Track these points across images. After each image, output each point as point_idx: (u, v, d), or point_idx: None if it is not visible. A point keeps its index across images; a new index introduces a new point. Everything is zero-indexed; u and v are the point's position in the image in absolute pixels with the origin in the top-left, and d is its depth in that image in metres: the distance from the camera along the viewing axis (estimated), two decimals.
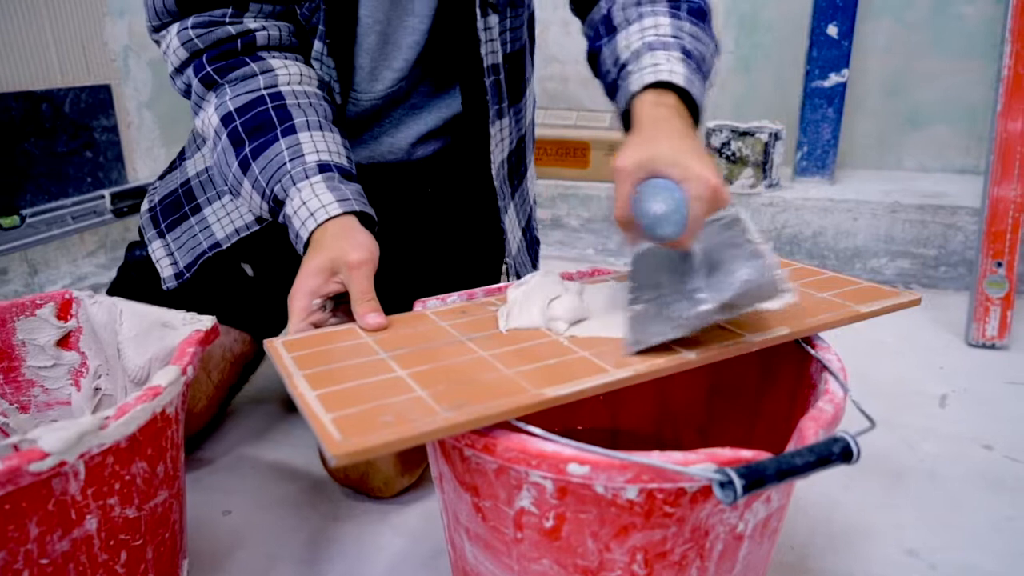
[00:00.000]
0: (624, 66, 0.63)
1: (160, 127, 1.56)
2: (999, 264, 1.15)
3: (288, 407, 0.96)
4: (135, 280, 0.83)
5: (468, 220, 0.85)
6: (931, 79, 1.53)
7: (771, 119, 1.49)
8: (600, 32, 0.69)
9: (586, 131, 1.58)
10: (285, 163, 0.64)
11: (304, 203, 0.62)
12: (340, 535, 0.73)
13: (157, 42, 0.72)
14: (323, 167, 0.64)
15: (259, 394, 0.98)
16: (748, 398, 0.64)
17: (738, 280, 0.49)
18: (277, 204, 0.65)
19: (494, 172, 0.80)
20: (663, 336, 0.50)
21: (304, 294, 0.57)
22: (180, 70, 0.70)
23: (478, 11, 0.73)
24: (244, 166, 0.66)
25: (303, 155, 0.64)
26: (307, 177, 0.63)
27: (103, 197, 1.39)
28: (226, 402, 0.87)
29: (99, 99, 1.42)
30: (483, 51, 0.74)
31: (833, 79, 1.46)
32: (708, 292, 0.50)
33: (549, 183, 1.60)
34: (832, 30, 1.44)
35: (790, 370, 0.58)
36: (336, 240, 0.59)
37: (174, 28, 0.69)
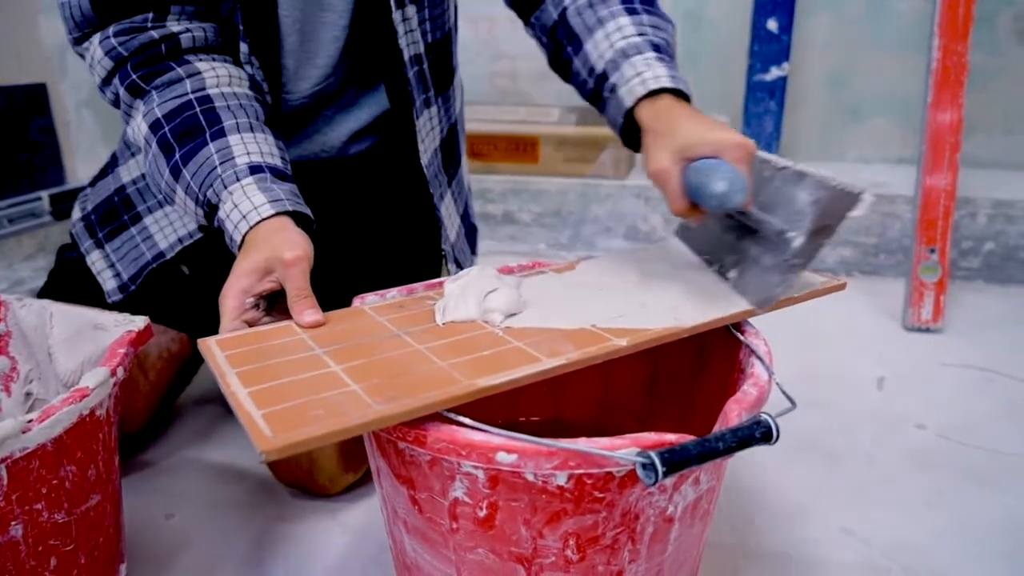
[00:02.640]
0: (604, 77, 0.65)
1: (101, 126, 1.52)
2: (932, 250, 1.19)
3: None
4: (68, 282, 0.81)
5: (404, 212, 0.85)
6: (869, 73, 1.58)
7: (716, 112, 1.51)
8: (561, 41, 0.71)
9: (536, 126, 1.58)
10: (216, 167, 0.63)
11: (236, 206, 0.61)
12: (286, 535, 0.72)
13: (81, 55, 0.70)
14: (254, 168, 0.63)
15: (203, 395, 0.96)
16: (685, 385, 0.66)
17: (805, 204, 0.53)
18: (211, 209, 0.64)
19: (425, 162, 0.80)
20: (784, 285, 0.55)
21: (235, 293, 0.56)
22: (107, 81, 0.68)
23: (392, 3, 0.72)
24: (175, 173, 0.65)
25: (233, 158, 0.63)
26: (238, 180, 0.62)
27: (40, 199, 1.35)
28: (167, 403, 0.86)
29: (34, 98, 1.38)
30: (402, 43, 0.74)
31: (774, 73, 1.50)
32: (791, 230, 0.54)
33: (500, 178, 1.60)
34: (772, 24, 1.47)
35: (722, 357, 0.59)
36: (269, 239, 0.59)
37: (96, 38, 0.67)
